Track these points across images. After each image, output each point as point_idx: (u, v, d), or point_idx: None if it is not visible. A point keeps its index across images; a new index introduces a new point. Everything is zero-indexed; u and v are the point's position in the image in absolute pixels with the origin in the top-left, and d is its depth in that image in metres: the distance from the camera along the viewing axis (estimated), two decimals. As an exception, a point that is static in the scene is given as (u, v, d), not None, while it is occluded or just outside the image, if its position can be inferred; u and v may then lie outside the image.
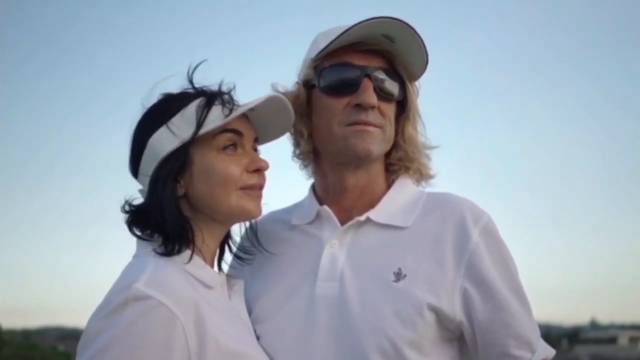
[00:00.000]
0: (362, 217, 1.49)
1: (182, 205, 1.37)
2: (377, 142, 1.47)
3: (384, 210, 1.50)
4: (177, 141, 1.35)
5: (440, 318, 1.39)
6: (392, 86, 1.49)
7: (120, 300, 1.20)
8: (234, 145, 1.40)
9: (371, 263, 1.44)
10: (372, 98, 1.44)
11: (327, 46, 1.46)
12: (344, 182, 1.51)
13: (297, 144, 1.58)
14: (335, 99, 1.47)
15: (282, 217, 1.64)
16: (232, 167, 1.38)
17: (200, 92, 1.41)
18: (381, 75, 1.48)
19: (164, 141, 1.35)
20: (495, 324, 1.40)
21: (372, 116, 1.46)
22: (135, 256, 1.37)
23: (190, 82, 1.43)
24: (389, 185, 1.57)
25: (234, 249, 1.56)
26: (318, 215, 1.53)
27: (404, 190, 1.55)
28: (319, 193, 1.58)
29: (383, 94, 1.48)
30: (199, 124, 1.35)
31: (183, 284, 1.27)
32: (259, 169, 1.43)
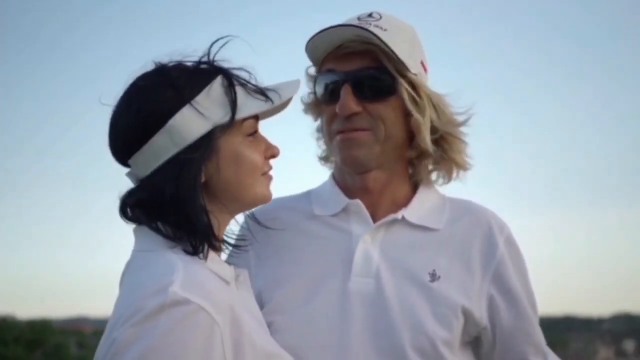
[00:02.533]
0: (398, 216, 1.48)
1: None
2: (366, 145, 1.44)
3: (416, 210, 1.51)
4: (209, 125, 1.22)
5: (468, 321, 1.43)
6: (382, 83, 1.44)
7: (155, 306, 1.07)
8: (255, 131, 1.33)
9: (406, 262, 1.45)
10: (347, 107, 1.42)
11: (311, 57, 1.50)
12: (363, 183, 1.49)
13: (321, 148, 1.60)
14: (327, 107, 1.48)
15: (297, 205, 1.59)
16: (257, 154, 1.31)
17: (217, 69, 1.28)
18: (366, 75, 1.44)
19: (191, 123, 1.21)
20: (516, 331, 1.47)
21: (358, 121, 1.43)
22: (145, 251, 1.22)
23: (209, 56, 1.30)
24: (412, 185, 1.56)
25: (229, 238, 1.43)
26: (345, 209, 1.51)
27: (429, 192, 1.56)
28: (344, 186, 1.55)
29: (369, 95, 1.45)
30: (234, 107, 1.24)
31: (217, 286, 1.19)
32: (273, 156, 1.37)
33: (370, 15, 1.47)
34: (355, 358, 1.38)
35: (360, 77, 1.44)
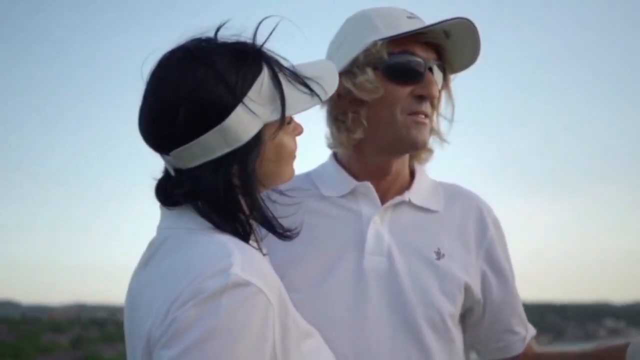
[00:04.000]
0: (405, 198, 1.54)
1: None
2: (427, 131, 1.51)
3: (418, 193, 1.58)
4: (260, 123, 1.19)
5: (468, 295, 1.53)
6: (440, 79, 1.53)
7: (218, 287, 1.06)
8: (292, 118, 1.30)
9: (413, 241, 1.52)
10: (436, 91, 1.49)
11: (401, 33, 1.46)
12: (389, 166, 1.54)
13: (350, 132, 1.52)
14: (399, 87, 1.47)
15: (301, 186, 1.57)
16: (293, 141, 1.29)
17: (259, 55, 1.22)
18: (440, 67, 1.53)
19: (245, 123, 1.17)
20: (504, 304, 1.60)
21: (427, 107, 1.49)
22: (186, 229, 1.19)
23: (254, 41, 1.23)
24: (410, 170, 1.62)
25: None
26: (353, 191, 1.55)
27: (424, 177, 1.63)
28: (351, 169, 1.58)
29: (439, 85, 1.53)
30: (284, 105, 1.21)
31: (269, 268, 1.20)
32: (299, 134, 1.33)
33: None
34: (372, 332, 1.44)
35: (435, 68, 1.51)
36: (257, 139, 1.19)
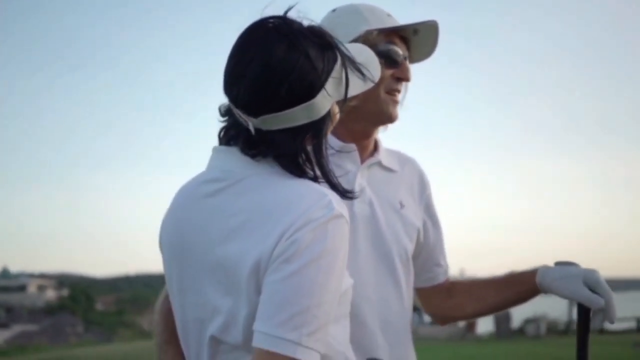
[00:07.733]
0: (377, 159, 1.91)
1: None
2: (398, 109, 1.87)
3: (384, 156, 1.96)
4: (332, 101, 1.44)
5: (418, 238, 1.95)
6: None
7: (326, 217, 1.31)
8: None
9: (384, 193, 1.88)
10: (410, 75, 1.85)
11: (392, 27, 1.81)
12: (369, 132, 1.89)
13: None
14: (386, 69, 1.80)
15: None
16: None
17: (334, 46, 1.46)
18: (408, 58, 1.87)
19: (324, 102, 1.42)
20: (436, 245, 2.02)
21: (402, 87, 1.86)
22: (274, 172, 1.41)
23: (331, 37, 1.46)
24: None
25: None
26: (340, 150, 1.84)
27: (382, 144, 2.01)
28: (335, 131, 1.83)
29: None
30: (347, 89, 1.46)
31: (343, 203, 1.40)
32: None
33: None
34: (361, 264, 1.78)
35: (407, 58, 1.88)
36: (328, 113, 1.44)
